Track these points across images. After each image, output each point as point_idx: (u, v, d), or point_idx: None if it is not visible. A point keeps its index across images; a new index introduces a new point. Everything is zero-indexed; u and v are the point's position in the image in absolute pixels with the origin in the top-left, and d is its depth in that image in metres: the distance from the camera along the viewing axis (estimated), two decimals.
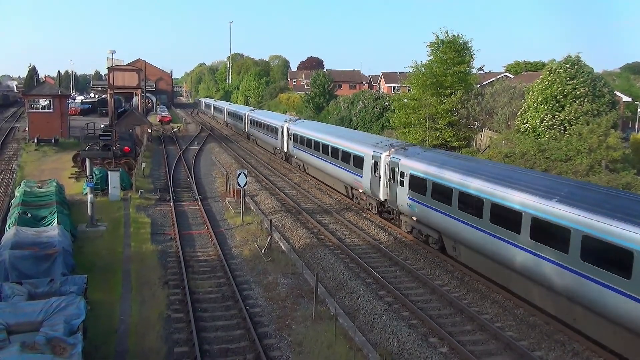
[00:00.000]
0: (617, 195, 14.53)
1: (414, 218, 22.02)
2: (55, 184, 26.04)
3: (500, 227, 16.15)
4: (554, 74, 32.54)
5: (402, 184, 22.36)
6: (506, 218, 15.99)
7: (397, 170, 22.83)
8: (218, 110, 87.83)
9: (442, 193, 19.43)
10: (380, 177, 24.43)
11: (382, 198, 24.70)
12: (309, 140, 34.95)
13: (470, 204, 17.70)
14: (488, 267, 17.71)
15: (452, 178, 18.88)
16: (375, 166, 24.81)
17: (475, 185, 17.53)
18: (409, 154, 22.74)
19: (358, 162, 26.62)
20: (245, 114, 59.97)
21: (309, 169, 36.74)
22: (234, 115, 69.37)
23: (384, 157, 24.12)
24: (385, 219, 25.68)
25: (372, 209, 26.69)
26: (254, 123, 54.16)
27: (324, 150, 31.99)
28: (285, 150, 41.96)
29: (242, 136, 63.88)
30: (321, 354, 13.76)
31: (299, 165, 38.95)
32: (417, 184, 21.12)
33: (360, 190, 27.29)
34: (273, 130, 44.91)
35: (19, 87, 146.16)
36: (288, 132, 40.34)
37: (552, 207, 14.31)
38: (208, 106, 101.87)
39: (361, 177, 26.39)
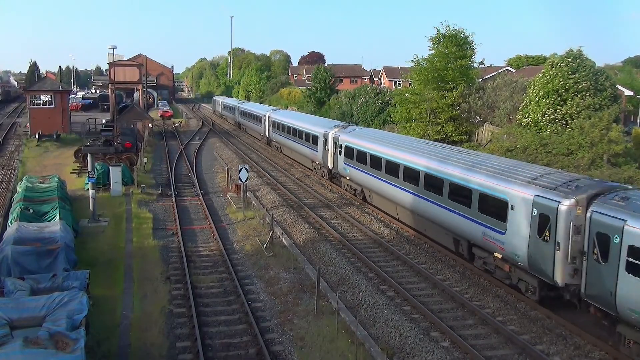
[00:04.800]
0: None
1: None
2: (57, 179, 26.03)
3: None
4: (556, 67, 32.40)
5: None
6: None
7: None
8: (251, 117, 56.11)
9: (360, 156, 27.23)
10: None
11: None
12: None
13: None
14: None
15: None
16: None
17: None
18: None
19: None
20: (325, 135, 32.20)
21: None
22: (290, 132, 40.19)
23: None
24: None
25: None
26: (364, 158, 26.46)
27: None
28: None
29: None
30: (323, 348, 13.81)
31: None
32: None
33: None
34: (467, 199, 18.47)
35: (20, 82, 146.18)
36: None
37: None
38: (230, 109, 71.80)
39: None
